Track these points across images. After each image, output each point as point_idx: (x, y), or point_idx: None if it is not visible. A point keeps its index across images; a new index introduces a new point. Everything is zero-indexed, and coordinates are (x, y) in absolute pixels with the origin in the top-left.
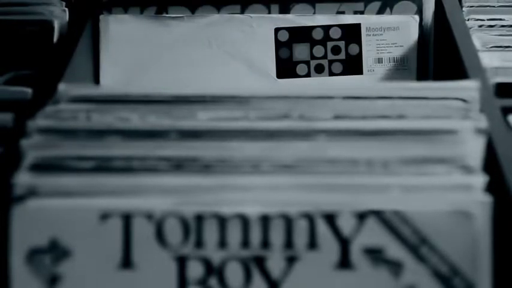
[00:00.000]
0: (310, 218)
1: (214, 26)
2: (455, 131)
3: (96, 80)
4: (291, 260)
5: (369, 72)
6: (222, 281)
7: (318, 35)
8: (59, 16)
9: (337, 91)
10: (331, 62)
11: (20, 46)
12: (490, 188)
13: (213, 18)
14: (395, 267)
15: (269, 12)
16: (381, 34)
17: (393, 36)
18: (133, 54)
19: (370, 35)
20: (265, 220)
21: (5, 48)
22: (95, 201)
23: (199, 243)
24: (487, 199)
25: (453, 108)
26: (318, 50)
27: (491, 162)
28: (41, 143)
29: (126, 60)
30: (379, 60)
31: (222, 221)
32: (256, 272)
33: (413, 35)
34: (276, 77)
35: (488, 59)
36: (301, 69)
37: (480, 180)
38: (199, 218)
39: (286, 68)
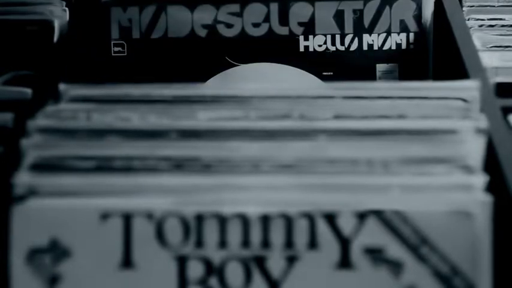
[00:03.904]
0: (310, 218)
1: None
2: (456, 131)
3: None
4: (291, 260)
5: None
6: (222, 280)
7: None
8: (59, 16)
9: (337, 91)
10: None
11: (20, 46)
12: (490, 188)
13: None
14: (395, 267)
15: (268, 11)
16: None
17: None
18: None
19: None
20: (265, 220)
21: (5, 48)
22: (95, 201)
23: (199, 243)
24: (487, 199)
25: (453, 108)
26: None
27: (491, 162)
28: (41, 143)
29: None
30: None
31: (222, 221)
32: (257, 271)
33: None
34: None
35: (488, 59)
36: None
37: (480, 180)
38: (200, 218)
39: None
